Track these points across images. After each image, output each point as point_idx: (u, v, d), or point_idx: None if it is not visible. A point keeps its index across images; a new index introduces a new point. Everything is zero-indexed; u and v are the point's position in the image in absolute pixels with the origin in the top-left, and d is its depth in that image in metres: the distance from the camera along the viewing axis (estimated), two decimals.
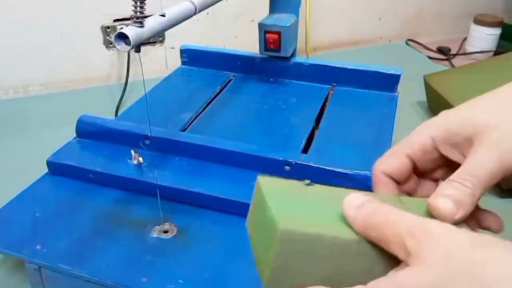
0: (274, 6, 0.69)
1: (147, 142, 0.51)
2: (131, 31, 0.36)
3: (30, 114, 0.88)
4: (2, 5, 0.87)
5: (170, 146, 0.51)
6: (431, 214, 0.26)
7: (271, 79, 0.71)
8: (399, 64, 0.68)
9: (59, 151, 0.51)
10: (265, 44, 0.67)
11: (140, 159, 0.49)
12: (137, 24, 0.37)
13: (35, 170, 0.50)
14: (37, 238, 0.42)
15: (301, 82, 0.69)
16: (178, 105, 0.64)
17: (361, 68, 0.66)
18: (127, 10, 0.37)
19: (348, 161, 0.47)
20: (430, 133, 0.30)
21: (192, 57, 0.74)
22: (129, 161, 0.50)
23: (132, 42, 0.36)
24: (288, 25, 0.64)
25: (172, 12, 0.41)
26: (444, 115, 0.30)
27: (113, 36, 0.36)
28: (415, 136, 0.31)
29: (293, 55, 0.70)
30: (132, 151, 0.49)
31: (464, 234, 0.22)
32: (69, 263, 0.39)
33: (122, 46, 0.37)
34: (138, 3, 0.37)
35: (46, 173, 0.51)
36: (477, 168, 0.27)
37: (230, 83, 0.70)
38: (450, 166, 0.30)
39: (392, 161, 0.31)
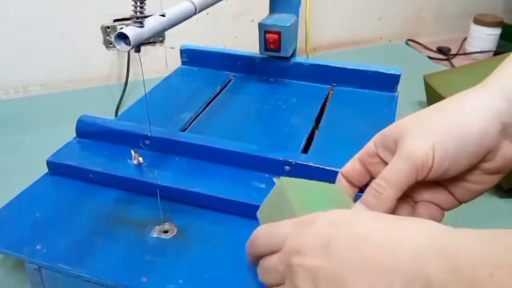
0: (274, 6, 0.69)
1: (147, 142, 0.51)
2: (131, 31, 0.36)
3: (30, 114, 0.88)
4: (1, 5, 0.87)
5: (170, 146, 0.51)
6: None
7: (271, 79, 0.71)
8: (399, 64, 0.68)
9: (59, 151, 0.51)
10: (265, 44, 0.67)
11: (140, 159, 0.49)
12: (137, 24, 0.37)
13: (35, 170, 0.50)
14: (37, 238, 0.42)
15: (301, 82, 0.69)
16: (178, 105, 0.64)
17: (361, 68, 0.66)
18: (127, 10, 0.37)
19: (347, 161, 0.47)
20: (374, 139, 0.35)
21: (192, 57, 0.74)
22: (129, 161, 0.50)
23: (132, 42, 0.36)
24: (288, 25, 0.64)
25: (172, 12, 0.41)
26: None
27: (113, 36, 0.36)
28: (368, 143, 0.35)
29: (293, 55, 0.70)
30: (132, 151, 0.49)
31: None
32: (69, 263, 0.39)
33: (122, 46, 0.37)
34: (138, 3, 0.37)
35: (46, 173, 0.51)
36: (390, 172, 0.32)
37: (230, 83, 0.70)
38: None
39: (348, 164, 0.37)
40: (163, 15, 0.40)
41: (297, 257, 0.28)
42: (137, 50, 0.38)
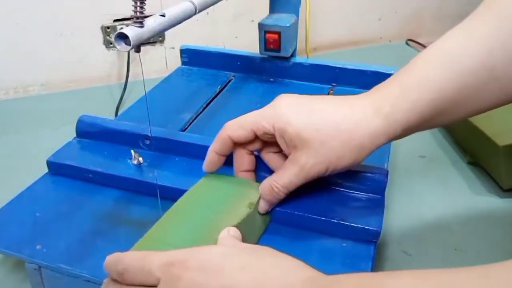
0: (274, 6, 0.69)
1: (147, 142, 0.51)
2: (131, 31, 0.36)
3: (30, 114, 0.88)
4: (1, 5, 0.87)
5: (170, 146, 0.51)
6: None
7: (271, 79, 0.71)
8: (399, 64, 0.68)
9: (59, 151, 0.51)
10: (265, 44, 0.67)
11: (140, 159, 0.49)
12: (137, 24, 0.37)
13: (35, 170, 0.50)
14: (37, 238, 0.42)
15: (301, 82, 0.69)
16: (178, 105, 0.64)
17: (361, 68, 0.66)
18: (127, 10, 0.37)
19: None
20: (272, 123, 0.38)
21: (192, 57, 0.74)
22: (129, 161, 0.50)
23: (132, 42, 0.36)
24: (288, 25, 0.64)
25: (172, 12, 0.42)
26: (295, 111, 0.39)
27: (113, 36, 0.36)
28: (263, 121, 0.39)
29: (293, 55, 0.70)
30: (132, 151, 0.49)
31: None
32: (69, 263, 0.39)
33: (122, 46, 0.37)
34: (138, 3, 0.37)
35: (46, 173, 0.51)
36: (286, 180, 0.39)
37: (230, 83, 0.70)
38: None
39: (240, 131, 0.40)
40: (163, 15, 0.40)
41: None
42: (137, 50, 0.38)
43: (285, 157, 0.40)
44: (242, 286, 0.28)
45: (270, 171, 0.44)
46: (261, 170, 0.45)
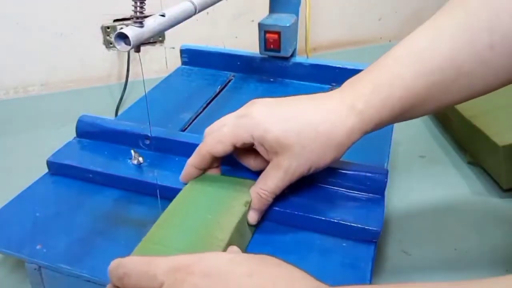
0: (274, 6, 0.69)
1: (147, 142, 0.51)
2: (131, 31, 0.36)
3: (30, 114, 0.88)
4: (1, 5, 0.87)
5: (170, 146, 0.51)
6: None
7: (271, 79, 0.71)
8: None
9: (59, 151, 0.51)
10: (265, 44, 0.67)
11: (140, 159, 0.49)
12: (137, 24, 0.37)
13: (35, 170, 0.50)
14: (37, 238, 0.42)
15: (301, 82, 0.69)
16: (178, 105, 0.64)
17: (361, 68, 0.66)
18: (127, 10, 0.38)
19: (347, 161, 0.47)
20: (251, 133, 0.39)
21: (192, 57, 0.74)
22: (129, 161, 0.50)
23: (132, 42, 0.36)
24: (288, 25, 0.64)
25: (172, 12, 0.42)
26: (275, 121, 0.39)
27: (113, 36, 0.36)
28: (241, 132, 0.39)
29: (293, 55, 0.70)
30: (132, 151, 0.49)
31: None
32: (69, 263, 0.39)
33: (122, 46, 0.37)
34: (138, 3, 0.37)
35: (46, 173, 0.51)
36: (271, 185, 0.40)
37: (230, 83, 0.70)
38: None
39: (219, 147, 0.41)
40: (163, 15, 0.40)
41: None
42: (137, 50, 0.38)
43: (262, 157, 0.41)
44: None
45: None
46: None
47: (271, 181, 0.40)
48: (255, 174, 0.43)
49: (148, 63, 1.01)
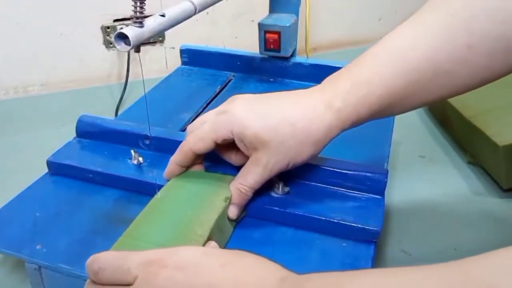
0: (274, 6, 0.69)
1: (147, 142, 0.51)
2: (131, 31, 0.36)
3: (30, 114, 0.88)
4: (2, 5, 0.87)
5: (170, 146, 0.51)
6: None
7: (271, 79, 0.71)
8: None
9: (59, 151, 0.51)
10: (265, 44, 0.67)
11: (140, 159, 0.49)
12: (137, 24, 0.37)
13: (35, 170, 0.50)
14: (37, 238, 0.42)
15: (301, 82, 0.69)
16: (178, 105, 0.64)
17: None
18: (127, 10, 0.38)
19: (347, 161, 0.47)
20: (231, 129, 0.39)
21: (192, 57, 0.74)
22: (129, 161, 0.50)
23: (132, 43, 0.36)
24: (288, 25, 0.64)
25: (172, 12, 0.42)
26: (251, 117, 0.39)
27: (113, 36, 0.36)
28: (221, 128, 0.40)
29: (293, 55, 0.70)
30: (132, 151, 0.49)
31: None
32: (69, 263, 0.39)
33: (122, 46, 0.37)
34: (138, 3, 0.37)
35: (46, 173, 0.51)
36: (251, 180, 0.40)
37: (230, 83, 0.70)
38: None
39: (200, 144, 0.41)
40: (163, 15, 0.40)
41: None
42: (137, 50, 0.38)
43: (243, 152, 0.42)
44: (222, 283, 0.28)
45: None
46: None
47: (251, 177, 0.40)
48: (238, 169, 0.43)
49: (148, 63, 1.01)
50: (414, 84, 0.38)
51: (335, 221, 0.41)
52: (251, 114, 0.39)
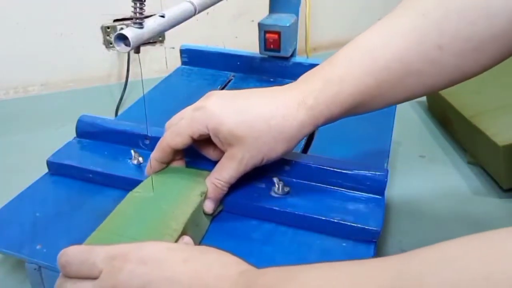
0: (274, 6, 0.69)
1: (147, 142, 0.51)
2: (130, 32, 0.36)
3: (30, 114, 0.88)
4: (2, 5, 0.87)
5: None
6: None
7: (271, 79, 0.71)
8: None
9: (59, 151, 0.51)
10: (265, 44, 0.67)
11: (140, 159, 0.49)
12: (137, 25, 0.37)
13: (35, 170, 0.50)
14: (37, 238, 0.42)
15: None
16: (178, 105, 0.63)
17: None
18: (127, 10, 0.38)
19: (347, 161, 0.47)
20: (207, 125, 0.40)
21: (192, 57, 0.74)
22: (129, 161, 0.50)
23: (131, 44, 0.36)
24: (288, 25, 0.64)
25: (172, 13, 0.42)
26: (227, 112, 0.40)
27: (113, 36, 0.36)
28: (197, 124, 0.40)
29: (293, 55, 0.70)
30: (132, 151, 0.49)
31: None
32: None
33: (121, 47, 0.37)
34: (138, 4, 0.37)
35: (46, 173, 0.51)
36: (226, 175, 0.41)
37: (230, 83, 0.70)
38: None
39: (178, 139, 0.42)
40: (162, 16, 0.40)
41: None
42: (137, 51, 0.38)
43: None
44: (182, 277, 0.29)
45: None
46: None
47: (226, 172, 0.41)
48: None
49: (148, 63, 1.01)
50: (385, 83, 0.38)
51: (335, 221, 0.41)
52: (226, 110, 0.40)
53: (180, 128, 0.42)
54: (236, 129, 0.39)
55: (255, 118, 0.39)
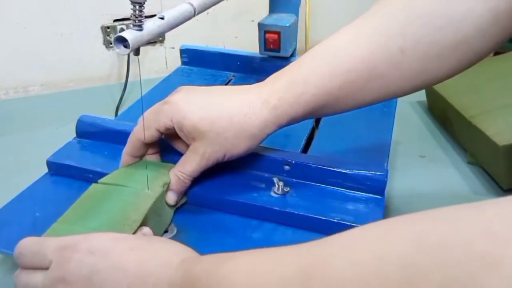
0: (274, 6, 0.69)
1: None
2: (130, 34, 0.36)
3: (30, 114, 0.88)
4: (2, 5, 0.87)
5: (170, 146, 0.51)
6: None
7: None
8: None
9: (59, 151, 0.51)
10: (265, 44, 0.67)
11: None
12: (136, 28, 0.37)
13: (35, 170, 0.50)
14: None
15: None
16: None
17: None
18: (127, 10, 0.38)
19: (347, 161, 0.47)
20: (172, 119, 0.41)
21: (192, 57, 0.74)
22: None
23: (131, 46, 0.36)
24: (288, 25, 0.64)
25: (171, 14, 0.42)
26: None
27: (113, 37, 0.36)
28: (163, 117, 0.41)
29: (293, 55, 0.70)
30: None
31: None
32: None
33: (121, 50, 0.37)
34: (137, 6, 0.37)
35: (46, 173, 0.51)
36: (189, 168, 0.42)
37: (230, 83, 0.70)
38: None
39: (146, 133, 0.42)
40: (162, 18, 0.40)
41: (62, 285, 0.31)
42: (136, 53, 0.38)
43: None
44: (127, 265, 0.30)
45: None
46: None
47: (189, 165, 0.42)
48: None
49: (148, 63, 1.01)
50: (350, 85, 0.39)
51: (335, 221, 0.41)
52: (191, 105, 0.41)
53: (147, 122, 0.42)
54: (199, 124, 0.40)
55: (218, 114, 0.40)
